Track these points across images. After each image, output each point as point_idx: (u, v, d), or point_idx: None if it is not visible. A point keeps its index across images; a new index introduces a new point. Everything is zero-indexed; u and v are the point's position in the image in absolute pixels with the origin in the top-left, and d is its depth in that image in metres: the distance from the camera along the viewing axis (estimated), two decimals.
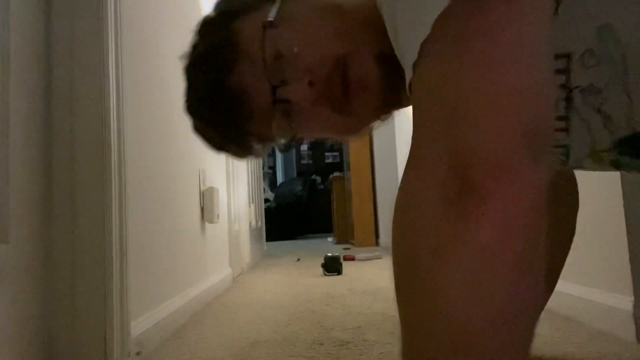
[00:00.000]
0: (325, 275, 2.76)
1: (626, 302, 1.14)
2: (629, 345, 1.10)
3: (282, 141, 0.65)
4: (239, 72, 0.60)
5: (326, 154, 9.33)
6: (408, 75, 0.40)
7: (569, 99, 0.51)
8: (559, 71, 0.49)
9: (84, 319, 1.05)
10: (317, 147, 9.28)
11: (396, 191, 0.37)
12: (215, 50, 0.62)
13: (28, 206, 0.98)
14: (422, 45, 0.37)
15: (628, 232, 1.14)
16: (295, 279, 2.74)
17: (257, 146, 0.69)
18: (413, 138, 0.38)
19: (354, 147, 5.33)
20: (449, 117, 0.35)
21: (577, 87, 0.50)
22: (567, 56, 0.48)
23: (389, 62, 0.54)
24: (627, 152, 0.55)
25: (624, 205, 1.14)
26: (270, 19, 0.58)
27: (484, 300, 0.32)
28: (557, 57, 0.48)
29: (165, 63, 1.62)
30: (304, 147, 9.37)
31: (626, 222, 1.14)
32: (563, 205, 0.87)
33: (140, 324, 1.23)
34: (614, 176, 1.15)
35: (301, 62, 0.58)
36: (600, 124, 0.52)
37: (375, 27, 0.54)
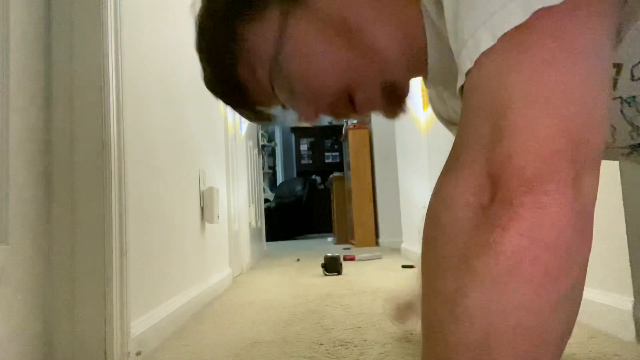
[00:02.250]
0: (325, 275, 2.76)
1: (626, 302, 1.14)
2: (629, 345, 1.10)
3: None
4: (242, 70, 0.59)
5: (326, 154, 9.30)
6: (461, 80, 0.39)
7: None
8: None
9: (84, 319, 1.05)
10: (317, 147, 9.27)
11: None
12: (219, 47, 0.61)
13: (28, 206, 0.98)
14: (482, 55, 0.36)
15: (628, 233, 1.14)
16: (295, 279, 2.74)
17: (268, 116, 0.69)
18: (456, 138, 0.38)
19: (354, 147, 5.33)
20: (493, 121, 0.34)
21: (618, 97, 0.49)
22: (618, 66, 0.47)
23: (396, 89, 0.56)
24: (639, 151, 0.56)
25: (624, 206, 1.14)
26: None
27: (505, 311, 0.32)
28: None
29: (165, 62, 1.62)
30: (304, 147, 9.35)
31: (626, 222, 1.14)
32: None
33: (140, 324, 1.23)
34: (614, 176, 1.15)
35: (305, 89, 0.57)
36: (626, 131, 0.52)
37: (382, 53, 0.53)
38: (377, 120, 4.96)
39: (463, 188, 0.35)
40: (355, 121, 5.39)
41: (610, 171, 1.15)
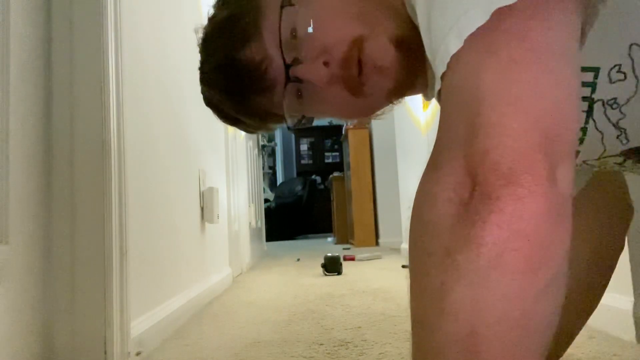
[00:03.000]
0: (325, 275, 2.76)
1: (626, 302, 1.14)
2: (629, 345, 1.10)
3: (292, 120, 0.64)
4: (254, 46, 0.59)
5: (326, 154, 9.30)
6: (437, 84, 0.40)
7: (589, 111, 0.52)
8: (585, 84, 0.50)
9: (84, 319, 1.05)
10: (317, 147, 9.27)
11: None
12: (234, 21, 0.61)
13: (28, 206, 0.98)
14: (452, 57, 0.38)
15: (628, 233, 1.14)
16: (295, 279, 2.74)
17: (269, 121, 0.68)
18: (436, 139, 0.39)
19: (354, 147, 5.33)
20: (468, 120, 0.36)
21: (599, 99, 0.50)
22: (595, 70, 0.48)
23: (407, 46, 0.54)
24: (632, 158, 0.56)
25: None
26: None
27: (489, 304, 0.32)
28: (586, 69, 0.49)
29: (165, 63, 1.62)
30: (304, 147, 9.35)
31: None
32: (607, 216, 0.81)
33: (140, 324, 1.23)
34: None
35: (317, 41, 0.57)
36: (613, 135, 0.53)
37: (395, 10, 0.54)
38: (377, 120, 4.96)
39: (444, 185, 0.36)
40: (355, 121, 5.39)
41: None
